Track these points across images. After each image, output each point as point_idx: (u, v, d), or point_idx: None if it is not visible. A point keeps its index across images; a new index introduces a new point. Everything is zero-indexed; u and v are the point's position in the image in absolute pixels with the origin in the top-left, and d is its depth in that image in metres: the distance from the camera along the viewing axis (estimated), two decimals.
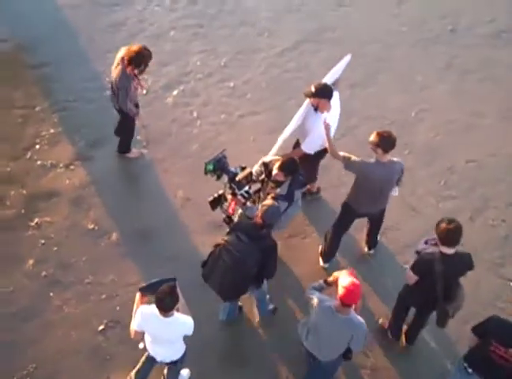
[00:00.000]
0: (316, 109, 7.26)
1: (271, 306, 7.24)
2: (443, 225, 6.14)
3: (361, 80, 9.59)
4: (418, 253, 6.48)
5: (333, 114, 7.30)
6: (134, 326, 5.85)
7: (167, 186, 8.23)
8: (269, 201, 6.34)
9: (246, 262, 6.09)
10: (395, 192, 7.19)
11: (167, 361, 6.13)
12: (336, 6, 10.84)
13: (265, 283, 6.76)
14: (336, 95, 7.31)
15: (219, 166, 6.74)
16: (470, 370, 6.24)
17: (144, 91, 9.04)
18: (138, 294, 5.92)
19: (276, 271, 6.43)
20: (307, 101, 7.37)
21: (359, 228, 7.69)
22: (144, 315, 5.75)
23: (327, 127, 6.99)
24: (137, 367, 6.25)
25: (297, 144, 7.72)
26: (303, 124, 7.49)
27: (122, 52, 7.57)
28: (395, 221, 8.05)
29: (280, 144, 7.55)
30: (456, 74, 9.64)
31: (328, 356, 6.21)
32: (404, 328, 7.15)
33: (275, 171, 6.71)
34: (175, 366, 6.25)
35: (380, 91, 9.38)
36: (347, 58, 7.62)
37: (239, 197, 6.76)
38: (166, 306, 5.57)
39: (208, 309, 6.97)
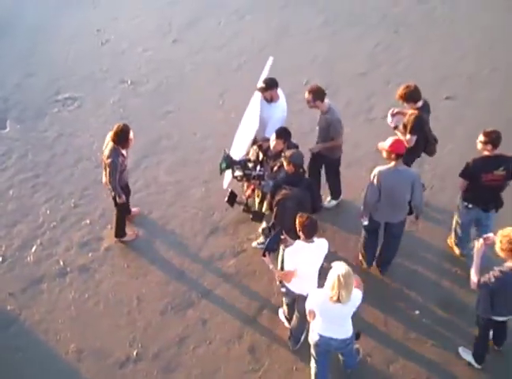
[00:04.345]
0: (270, 100, 8.36)
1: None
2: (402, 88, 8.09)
3: (211, 176, 9.64)
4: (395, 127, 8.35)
5: (283, 100, 8.51)
6: (289, 268, 6.60)
7: (55, 345, 7.69)
8: (287, 152, 7.26)
9: (304, 201, 7.14)
10: None
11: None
12: (164, 115, 11.03)
13: None
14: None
15: (230, 162, 7.82)
16: (470, 205, 7.73)
17: (0, 259, 8.65)
18: (266, 257, 6.80)
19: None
20: (254, 99, 8.49)
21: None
22: (293, 252, 6.56)
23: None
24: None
25: (255, 141, 8.48)
26: (260, 117, 8.39)
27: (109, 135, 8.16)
28: None
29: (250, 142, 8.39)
30: None
31: (399, 215, 7.57)
32: None
33: (273, 143, 7.71)
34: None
35: None
36: (270, 61, 8.86)
37: (255, 179, 7.84)
38: (315, 229, 6.52)
39: None
